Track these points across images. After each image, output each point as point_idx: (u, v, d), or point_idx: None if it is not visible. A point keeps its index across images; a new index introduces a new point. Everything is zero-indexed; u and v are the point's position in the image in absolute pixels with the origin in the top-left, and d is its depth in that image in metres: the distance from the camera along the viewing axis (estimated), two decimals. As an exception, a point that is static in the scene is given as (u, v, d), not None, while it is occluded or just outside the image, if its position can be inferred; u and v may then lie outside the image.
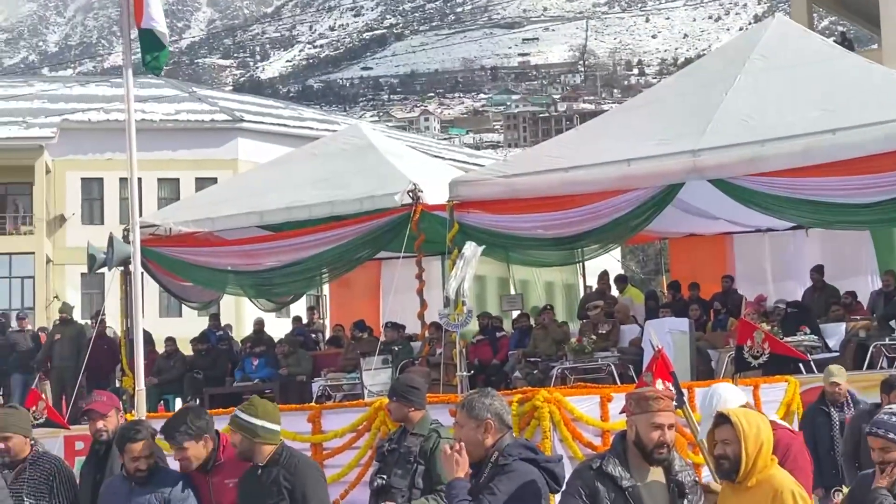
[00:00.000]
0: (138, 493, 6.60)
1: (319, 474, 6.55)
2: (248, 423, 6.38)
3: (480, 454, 5.48)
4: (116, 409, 7.39)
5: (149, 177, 41.55)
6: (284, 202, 16.00)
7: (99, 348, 17.46)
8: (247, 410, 6.43)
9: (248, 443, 6.39)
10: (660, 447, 5.23)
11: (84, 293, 40.99)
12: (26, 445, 7.30)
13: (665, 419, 5.25)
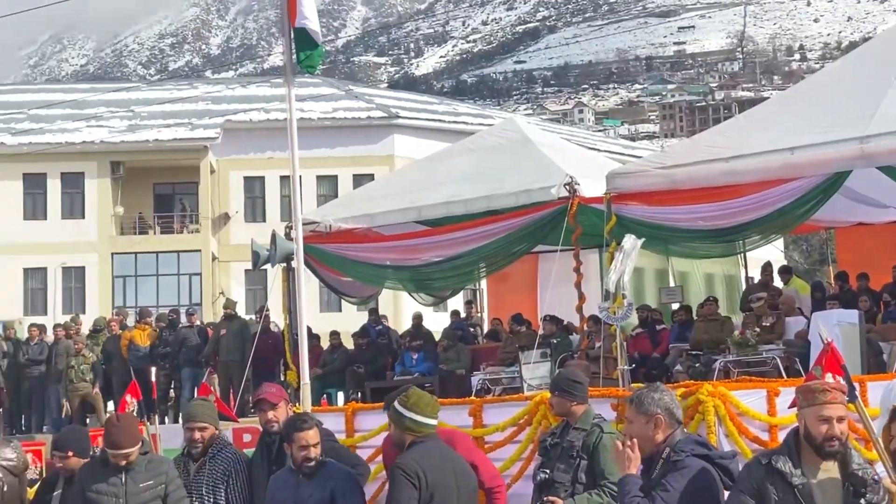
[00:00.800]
0: (305, 486, 6.70)
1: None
2: (398, 414, 6.44)
3: (650, 450, 5.42)
4: (285, 401, 7.55)
5: (308, 174, 42.31)
6: (442, 197, 16.06)
7: (264, 343, 17.83)
8: (401, 401, 6.49)
9: (399, 434, 6.46)
10: (829, 440, 5.05)
11: (248, 289, 42.03)
12: (215, 437, 7.59)
13: (833, 411, 5.08)
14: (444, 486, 6.21)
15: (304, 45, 10.72)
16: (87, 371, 20.22)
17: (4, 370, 21.14)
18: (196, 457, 7.53)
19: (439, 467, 6.26)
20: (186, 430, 7.57)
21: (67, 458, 7.60)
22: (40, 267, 41.69)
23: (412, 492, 6.09)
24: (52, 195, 42.09)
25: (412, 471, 6.12)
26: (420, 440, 6.33)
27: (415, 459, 6.18)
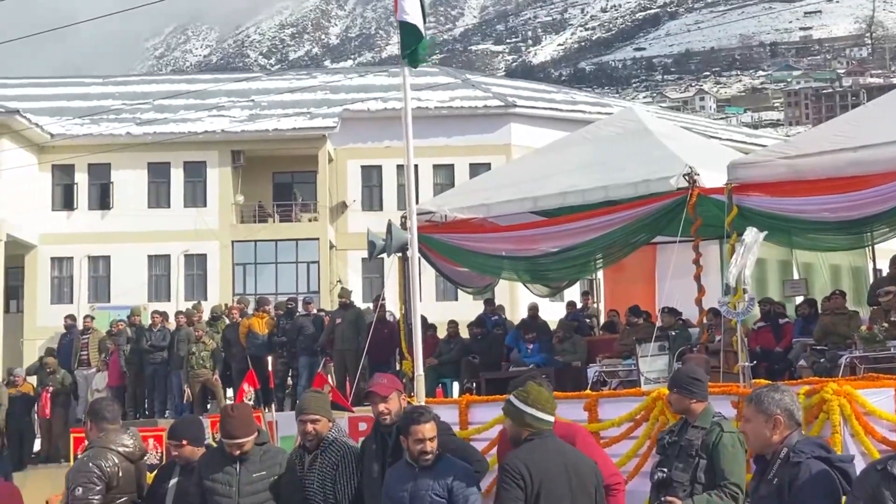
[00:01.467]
0: (422, 479, 6.65)
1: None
2: (517, 410, 6.32)
3: (765, 450, 5.30)
4: (398, 392, 7.46)
5: (424, 163, 42.43)
6: (559, 188, 15.89)
7: (379, 332, 17.89)
8: (518, 396, 6.36)
9: (515, 430, 6.34)
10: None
11: (364, 277, 42.31)
12: (329, 429, 7.56)
13: None
14: (553, 482, 6.09)
15: (409, 37, 10.67)
16: (207, 358, 20.55)
17: (128, 355, 21.60)
18: (310, 449, 7.52)
19: (549, 463, 6.14)
20: (299, 423, 7.57)
21: (182, 446, 7.67)
22: (164, 254, 42.56)
23: (517, 492, 6.00)
24: (176, 184, 42.91)
25: (516, 470, 6.04)
26: (535, 436, 6.22)
27: (520, 458, 6.09)
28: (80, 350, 22.60)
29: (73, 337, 23.01)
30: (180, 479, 7.66)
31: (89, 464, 7.46)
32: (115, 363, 21.83)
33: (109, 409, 7.88)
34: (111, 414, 7.80)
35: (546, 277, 18.34)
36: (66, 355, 22.71)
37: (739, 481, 6.95)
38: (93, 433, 7.73)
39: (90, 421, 7.80)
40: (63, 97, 45.96)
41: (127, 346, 21.68)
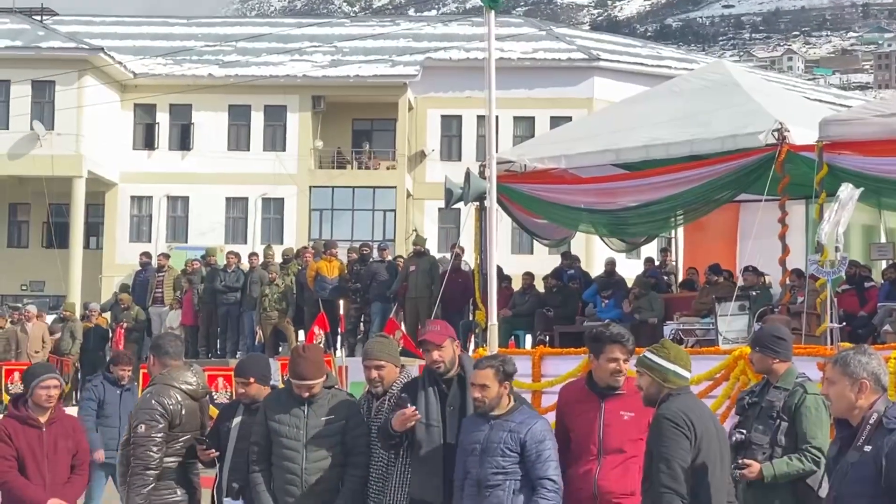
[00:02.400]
0: (495, 431, 6.45)
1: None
2: (659, 366, 6.11)
3: (848, 414, 5.09)
4: (451, 339, 7.17)
5: (505, 115, 42.03)
6: (642, 140, 15.55)
7: (453, 281, 17.73)
8: (658, 352, 6.17)
9: (657, 386, 6.12)
10: None
11: (441, 227, 42.20)
12: (396, 374, 7.34)
13: None
14: (709, 438, 5.94)
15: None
16: (280, 300, 20.55)
17: (201, 295, 21.69)
18: (378, 395, 7.32)
19: (705, 418, 6.01)
20: (364, 369, 7.37)
21: (248, 384, 7.57)
22: (242, 197, 42.80)
23: (686, 443, 5.84)
24: (256, 127, 43.03)
25: (683, 421, 5.86)
26: (677, 392, 6.05)
27: (682, 410, 5.91)
28: (155, 288, 22.77)
29: (149, 275, 23.17)
30: (244, 419, 7.55)
31: (152, 401, 7.39)
32: (188, 302, 21.95)
33: (172, 344, 7.79)
34: (174, 349, 7.71)
35: (625, 232, 18.04)
36: (141, 293, 22.90)
37: (822, 445, 6.70)
38: (155, 369, 7.65)
39: (153, 356, 7.71)
40: (147, 36, 46.16)
41: (201, 286, 21.77)
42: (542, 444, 6.40)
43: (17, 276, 42.85)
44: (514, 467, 6.38)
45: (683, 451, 5.81)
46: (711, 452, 5.95)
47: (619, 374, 6.61)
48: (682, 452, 5.81)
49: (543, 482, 6.35)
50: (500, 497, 6.38)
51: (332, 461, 7.15)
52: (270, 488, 7.16)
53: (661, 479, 5.78)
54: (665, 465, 5.80)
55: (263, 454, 7.21)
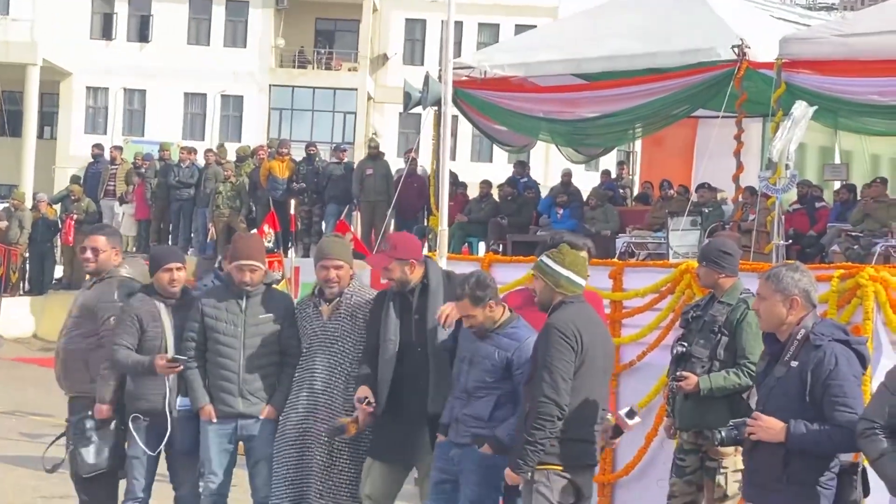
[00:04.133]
0: (483, 346, 6.37)
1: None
2: (553, 271, 6.00)
3: (777, 329, 5.15)
4: (399, 261, 7.02)
5: (470, 21, 41.66)
6: (604, 52, 15.42)
7: (409, 186, 17.64)
8: (554, 258, 6.02)
9: (549, 292, 6.03)
10: None
11: (401, 132, 42.04)
12: (350, 277, 7.09)
13: None
14: (595, 349, 5.89)
15: None
16: (233, 198, 20.39)
17: (154, 190, 21.49)
18: (330, 297, 7.05)
19: (593, 329, 5.93)
20: (320, 269, 7.04)
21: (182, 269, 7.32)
22: (200, 93, 42.27)
23: (570, 354, 5.77)
24: (217, 21, 42.36)
25: (569, 330, 5.79)
26: (570, 300, 5.96)
27: (571, 320, 5.83)
28: (108, 181, 22.51)
29: (101, 167, 22.87)
30: (176, 319, 7.23)
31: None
32: (140, 196, 21.75)
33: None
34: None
35: (583, 143, 17.98)
36: (93, 185, 22.63)
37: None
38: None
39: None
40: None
41: (154, 181, 21.55)
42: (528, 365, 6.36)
43: (-33, 163, 42.33)
44: (497, 383, 6.33)
45: (566, 362, 5.76)
46: (595, 364, 5.91)
47: None
48: (565, 363, 5.75)
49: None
50: (481, 408, 6.36)
51: (268, 359, 7.07)
52: (205, 385, 7.05)
53: (543, 388, 5.75)
54: (547, 375, 5.75)
55: (200, 350, 7.07)
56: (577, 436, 5.87)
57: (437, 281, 6.94)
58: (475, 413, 6.36)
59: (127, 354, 7.05)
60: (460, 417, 6.43)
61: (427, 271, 6.96)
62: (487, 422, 6.32)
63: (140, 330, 7.10)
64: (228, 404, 7.00)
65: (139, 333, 7.10)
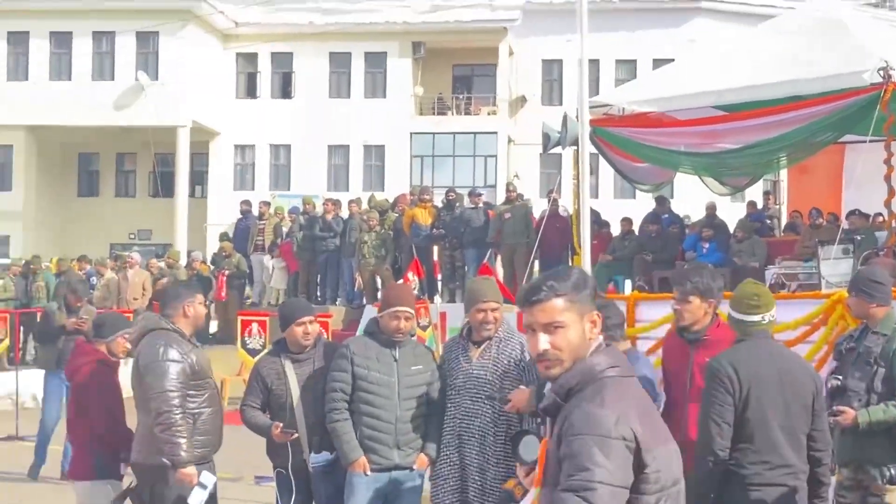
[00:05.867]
0: None
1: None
2: (729, 314, 5.99)
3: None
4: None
5: (606, 58, 41.56)
6: (743, 81, 15.16)
7: (551, 227, 17.62)
8: (731, 300, 6.02)
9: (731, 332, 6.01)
10: None
11: (542, 172, 42.00)
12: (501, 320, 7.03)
13: None
14: (764, 387, 5.70)
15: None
16: (378, 247, 20.62)
17: (300, 242, 21.87)
18: (480, 340, 6.97)
19: (759, 367, 5.75)
20: (476, 312, 6.93)
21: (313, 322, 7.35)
22: (343, 144, 42.95)
23: (725, 396, 5.65)
24: (356, 74, 43.04)
25: (723, 372, 5.68)
26: (746, 338, 5.87)
27: (727, 359, 5.73)
28: (256, 236, 23.03)
29: (250, 222, 23.46)
30: (298, 369, 7.25)
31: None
32: (288, 249, 22.15)
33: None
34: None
35: (726, 175, 17.68)
36: (243, 240, 23.19)
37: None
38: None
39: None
40: (248, -15, 46.54)
41: (300, 234, 21.95)
42: None
43: (125, 224, 43.77)
44: None
45: (720, 405, 5.64)
46: (766, 404, 5.71)
47: (681, 317, 6.47)
48: (718, 407, 5.64)
49: None
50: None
51: (420, 410, 7.02)
52: (357, 437, 6.96)
53: (700, 435, 5.68)
54: (701, 419, 5.69)
55: (348, 401, 6.99)
56: (765, 480, 5.70)
57: None
58: None
59: (252, 415, 7.19)
60: None
61: None
62: None
63: (266, 389, 7.21)
64: (384, 456, 6.94)
65: (266, 392, 7.22)
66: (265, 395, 7.23)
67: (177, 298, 7.16)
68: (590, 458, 3.30)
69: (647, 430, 3.43)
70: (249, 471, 12.28)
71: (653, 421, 3.54)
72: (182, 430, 6.74)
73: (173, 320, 7.06)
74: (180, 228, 39.78)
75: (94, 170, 46.00)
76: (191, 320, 7.11)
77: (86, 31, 40.65)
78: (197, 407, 6.93)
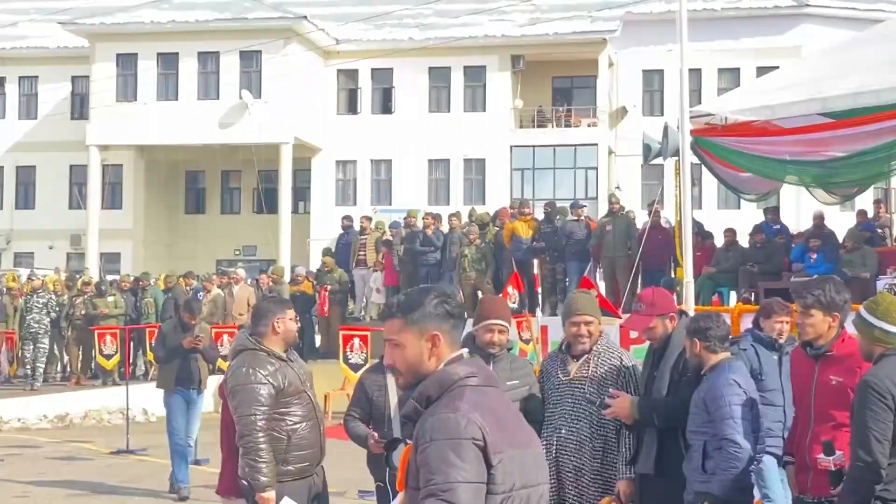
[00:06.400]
0: (697, 390, 6.42)
1: None
2: (867, 323, 5.68)
3: None
4: (660, 317, 6.92)
5: (709, 66, 41.07)
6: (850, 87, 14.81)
7: (653, 238, 17.42)
8: (868, 307, 5.73)
9: (868, 344, 5.72)
10: None
11: (644, 184, 41.59)
12: (600, 333, 6.97)
13: None
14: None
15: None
16: (478, 261, 20.59)
17: (401, 256, 21.95)
18: (578, 354, 6.90)
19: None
20: (570, 325, 6.90)
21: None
22: (443, 159, 43.05)
23: (886, 414, 5.37)
24: (455, 88, 43.13)
25: (885, 389, 5.40)
26: (891, 352, 5.59)
27: (887, 375, 5.44)
28: (358, 251, 23.16)
29: (351, 238, 23.61)
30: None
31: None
32: (389, 264, 22.24)
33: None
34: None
35: (834, 183, 17.28)
36: (344, 255, 23.34)
37: None
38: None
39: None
40: (348, 2, 46.89)
41: (401, 248, 22.02)
42: (717, 402, 6.19)
43: (230, 241, 44.44)
44: (705, 426, 6.25)
45: (882, 422, 5.36)
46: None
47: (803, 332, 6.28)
48: (880, 424, 5.36)
49: (722, 443, 6.19)
50: (693, 458, 6.31)
51: None
52: None
53: (856, 452, 5.41)
54: (860, 437, 5.40)
55: None
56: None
57: (680, 332, 6.80)
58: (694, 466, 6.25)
59: (354, 425, 7.27)
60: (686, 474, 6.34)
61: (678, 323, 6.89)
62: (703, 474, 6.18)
63: (369, 401, 7.28)
64: None
65: (369, 404, 7.31)
66: (368, 406, 7.27)
67: (266, 315, 7.06)
68: (445, 461, 3.52)
69: (497, 433, 3.61)
70: (354, 486, 12.29)
71: (508, 426, 3.71)
72: (263, 455, 6.67)
73: (263, 338, 7.00)
74: (284, 244, 40.24)
75: (200, 187, 46.83)
76: (281, 336, 7.02)
77: (191, 51, 41.42)
78: (291, 423, 6.87)
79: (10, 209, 45.34)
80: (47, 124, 44.46)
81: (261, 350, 6.95)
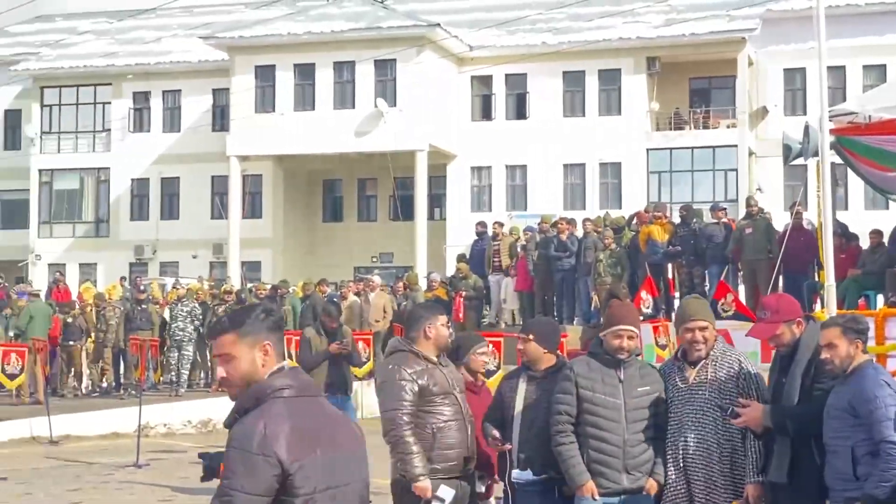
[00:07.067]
0: (840, 392, 6.22)
1: None
2: None
3: None
4: (786, 323, 6.69)
5: (853, 64, 39.98)
6: None
7: (795, 241, 16.96)
8: None
9: None
10: None
11: (786, 185, 40.66)
12: (714, 338, 6.80)
13: None
14: None
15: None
16: (614, 265, 20.34)
17: (536, 261, 21.82)
18: (695, 360, 6.77)
19: None
20: (684, 331, 6.80)
21: (527, 340, 7.31)
22: (579, 163, 42.73)
23: None
24: (590, 92, 42.80)
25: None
26: None
27: None
28: (493, 256, 23.11)
29: (485, 243, 23.58)
30: (529, 387, 7.29)
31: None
32: (523, 269, 22.13)
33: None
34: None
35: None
36: (478, 261, 23.31)
37: None
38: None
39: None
40: (481, 9, 46.89)
41: (535, 252, 21.91)
42: (869, 405, 5.94)
43: (367, 248, 44.87)
44: (850, 430, 6.03)
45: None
46: None
47: None
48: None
49: (881, 445, 5.95)
50: (835, 465, 6.12)
51: (647, 433, 6.84)
52: (584, 460, 6.84)
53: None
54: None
55: (574, 423, 6.89)
56: None
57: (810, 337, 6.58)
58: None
59: (485, 426, 7.37)
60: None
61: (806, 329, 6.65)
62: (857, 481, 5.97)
63: (503, 403, 7.44)
64: (613, 480, 6.79)
65: (502, 406, 7.44)
66: (502, 409, 7.39)
67: (418, 321, 7.34)
68: (233, 469, 3.82)
69: (299, 443, 3.84)
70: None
71: (317, 433, 3.93)
72: (411, 445, 6.90)
73: (416, 343, 7.24)
74: (420, 251, 40.43)
75: (337, 195, 47.39)
76: (433, 341, 7.25)
77: (327, 62, 41.95)
78: (437, 423, 7.07)
79: (156, 220, 46.57)
80: (190, 136, 45.58)
81: (411, 352, 7.21)
